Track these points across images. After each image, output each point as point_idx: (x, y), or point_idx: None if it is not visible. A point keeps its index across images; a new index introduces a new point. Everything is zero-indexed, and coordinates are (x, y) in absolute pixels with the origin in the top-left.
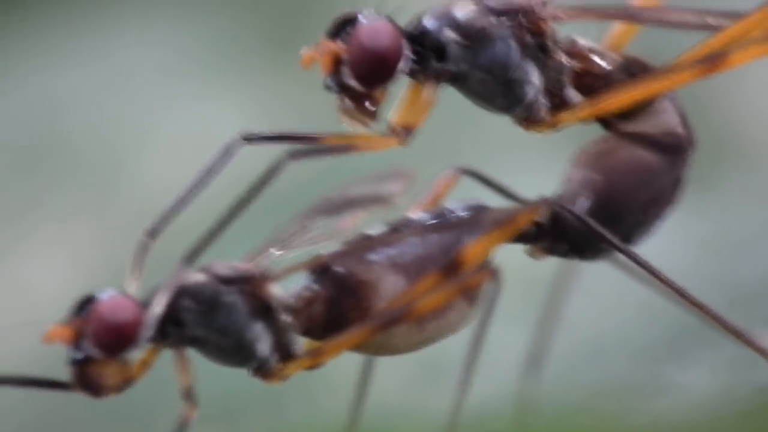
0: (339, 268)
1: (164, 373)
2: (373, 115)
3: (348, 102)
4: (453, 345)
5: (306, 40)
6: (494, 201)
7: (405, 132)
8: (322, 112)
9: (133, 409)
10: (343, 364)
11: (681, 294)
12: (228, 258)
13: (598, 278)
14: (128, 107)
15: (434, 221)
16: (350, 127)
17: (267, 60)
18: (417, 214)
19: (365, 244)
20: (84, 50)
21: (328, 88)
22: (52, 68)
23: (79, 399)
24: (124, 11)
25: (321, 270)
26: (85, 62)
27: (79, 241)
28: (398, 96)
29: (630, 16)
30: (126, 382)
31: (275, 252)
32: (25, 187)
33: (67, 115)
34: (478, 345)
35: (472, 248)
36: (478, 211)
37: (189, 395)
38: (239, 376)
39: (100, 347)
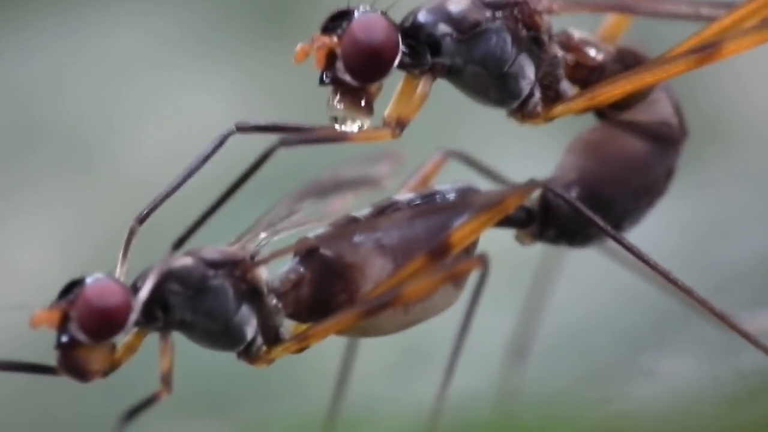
0: (325, 251)
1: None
2: (367, 111)
3: (342, 97)
4: (436, 331)
5: (292, 27)
6: (483, 185)
7: (398, 125)
8: (308, 98)
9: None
10: (333, 353)
11: (668, 279)
12: (216, 242)
13: (582, 263)
14: (113, 93)
15: (422, 203)
16: (343, 122)
17: (252, 45)
18: (403, 195)
19: (352, 226)
20: (70, 37)
21: (322, 82)
22: (37, 54)
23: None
24: None
25: (307, 253)
26: (72, 48)
27: (65, 226)
28: (392, 89)
29: (624, 7)
30: (112, 367)
31: (263, 235)
32: (11, 172)
33: (51, 100)
34: (463, 333)
35: (459, 231)
36: (467, 194)
37: (166, 379)
38: (229, 366)
39: (86, 332)
